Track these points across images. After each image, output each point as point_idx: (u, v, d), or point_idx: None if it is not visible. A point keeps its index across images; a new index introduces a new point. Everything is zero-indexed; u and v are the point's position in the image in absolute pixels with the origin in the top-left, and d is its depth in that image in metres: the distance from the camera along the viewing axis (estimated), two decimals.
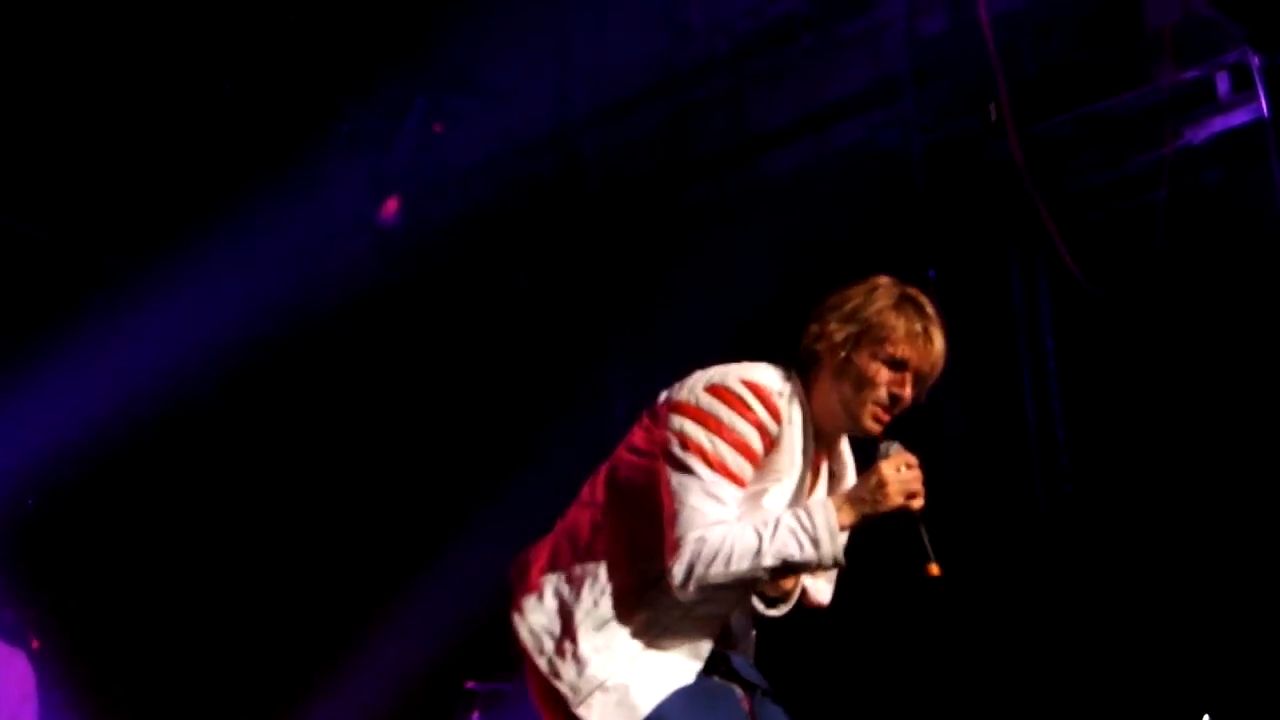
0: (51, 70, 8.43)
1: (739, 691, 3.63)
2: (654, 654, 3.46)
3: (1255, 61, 6.51)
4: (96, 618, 9.40)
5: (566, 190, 9.41)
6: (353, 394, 9.90)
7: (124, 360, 9.02)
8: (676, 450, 3.45)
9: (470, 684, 7.87)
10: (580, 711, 3.38)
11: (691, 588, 3.36)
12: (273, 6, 8.53)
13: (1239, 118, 6.94)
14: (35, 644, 7.86)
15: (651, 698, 3.41)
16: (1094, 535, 7.33)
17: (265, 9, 8.53)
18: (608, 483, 3.65)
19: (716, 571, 3.34)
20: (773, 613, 3.72)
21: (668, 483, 3.44)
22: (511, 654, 3.61)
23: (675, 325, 8.28)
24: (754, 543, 3.36)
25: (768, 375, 3.56)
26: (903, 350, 3.54)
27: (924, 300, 3.63)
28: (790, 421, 3.53)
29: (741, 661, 3.71)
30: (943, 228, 7.56)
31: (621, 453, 3.66)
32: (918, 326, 3.57)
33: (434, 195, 9.53)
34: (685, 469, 3.42)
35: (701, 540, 3.35)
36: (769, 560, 3.36)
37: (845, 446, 3.81)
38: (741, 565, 3.35)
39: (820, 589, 3.79)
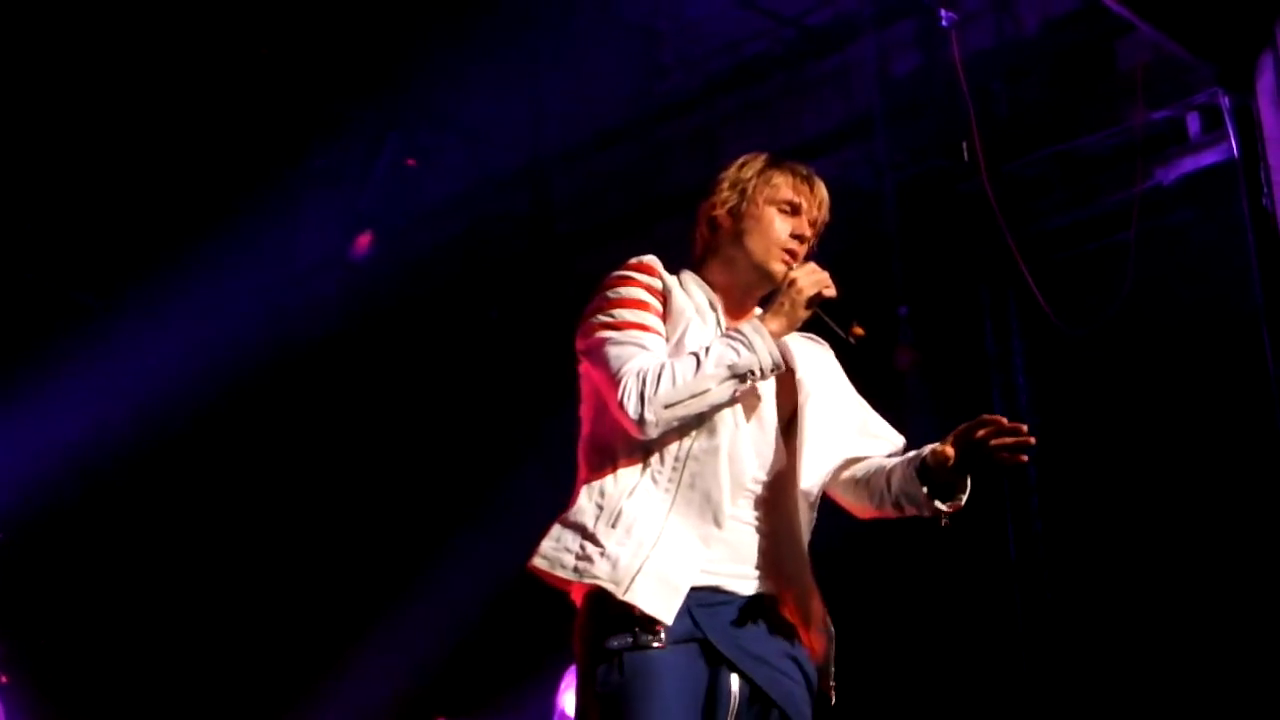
0: (21, 105, 8.41)
1: (734, 694, 3.51)
2: (669, 537, 3.48)
3: (1225, 102, 6.55)
4: (67, 654, 9.33)
5: (539, 226, 9.42)
6: (324, 430, 9.87)
7: (95, 396, 8.98)
8: (585, 338, 3.58)
9: (439, 718, 7.84)
10: (628, 598, 3.39)
11: (649, 414, 3.41)
12: (246, 41, 8.54)
13: (1209, 158, 6.99)
14: (4, 679, 7.81)
15: (685, 576, 3.45)
16: (1065, 574, 7.34)
17: (238, 44, 8.53)
18: (580, 436, 3.71)
19: (665, 390, 3.40)
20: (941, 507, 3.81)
21: (592, 363, 3.56)
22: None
23: None
24: (691, 360, 3.44)
25: (639, 257, 3.70)
26: (792, 193, 3.73)
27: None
28: (679, 282, 3.67)
29: (785, 685, 3.58)
30: (914, 266, 7.58)
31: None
32: (801, 170, 3.77)
33: (407, 230, 9.52)
34: (599, 341, 3.53)
35: (640, 368, 3.44)
36: (712, 368, 3.42)
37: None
38: (686, 378, 3.40)
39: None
